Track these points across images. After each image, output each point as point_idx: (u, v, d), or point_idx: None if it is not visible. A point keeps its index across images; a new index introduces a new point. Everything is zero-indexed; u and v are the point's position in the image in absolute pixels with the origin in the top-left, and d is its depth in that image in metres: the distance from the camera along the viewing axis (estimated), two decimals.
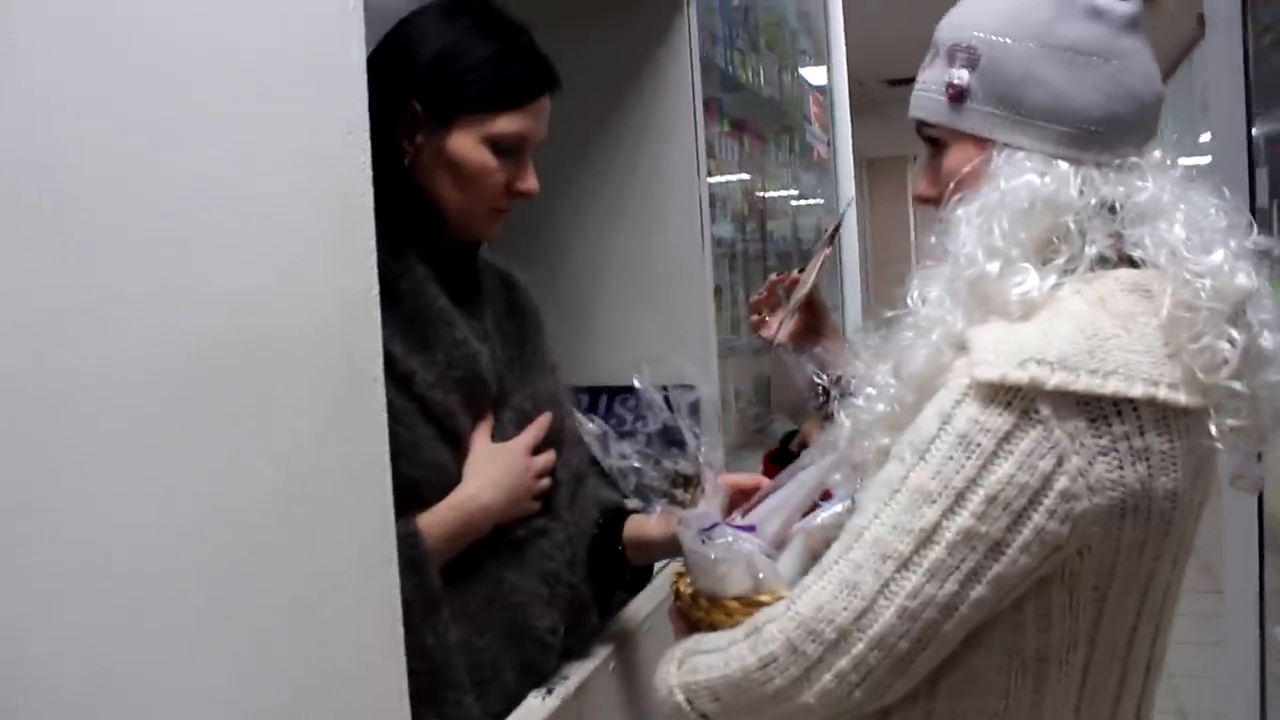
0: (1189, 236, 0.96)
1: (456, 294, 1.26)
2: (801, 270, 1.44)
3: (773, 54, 2.96)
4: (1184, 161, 1.05)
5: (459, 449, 1.23)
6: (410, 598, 0.99)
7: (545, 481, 1.30)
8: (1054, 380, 0.88)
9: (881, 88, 8.16)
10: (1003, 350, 0.91)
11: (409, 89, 1.19)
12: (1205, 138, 3.38)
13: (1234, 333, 0.93)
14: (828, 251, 1.42)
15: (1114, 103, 1.01)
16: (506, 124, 1.23)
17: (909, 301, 1.01)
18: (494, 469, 1.23)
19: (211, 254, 0.78)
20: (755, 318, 1.48)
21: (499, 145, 1.23)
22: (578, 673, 1.31)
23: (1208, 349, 0.92)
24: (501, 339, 1.33)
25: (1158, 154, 1.03)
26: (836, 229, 1.52)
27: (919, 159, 1.15)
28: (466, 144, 1.22)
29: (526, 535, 1.29)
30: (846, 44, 3.90)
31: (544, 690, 1.26)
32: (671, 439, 1.20)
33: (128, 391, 0.70)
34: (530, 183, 1.28)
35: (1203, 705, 3.33)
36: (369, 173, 0.97)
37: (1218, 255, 0.95)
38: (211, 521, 0.76)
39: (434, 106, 1.21)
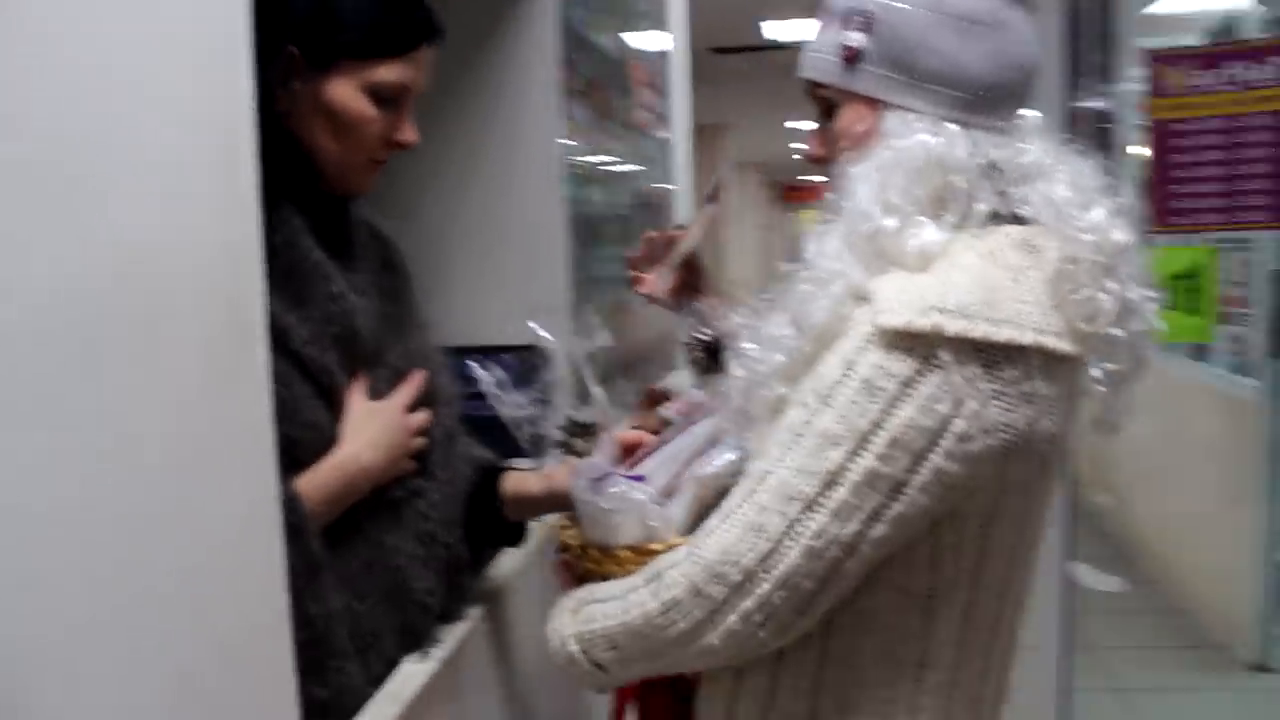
0: (1071, 195, 1.03)
1: (332, 247, 1.21)
2: (680, 228, 1.45)
3: (617, 17, 2.95)
4: None
5: (335, 408, 1.19)
6: (292, 564, 0.95)
7: (421, 440, 1.27)
8: (954, 327, 0.93)
9: (707, 55, 8.28)
10: (905, 299, 0.95)
11: (286, 33, 1.13)
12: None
13: (1112, 284, 1.00)
14: (713, 209, 1.43)
15: (1000, 70, 1.06)
16: (388, 72, 1.19)
17: (805, 256, 1.03)
18: (372, 428, 1.20)
19: (95, 198, 0.73)
20: (633, 274, 1.49)
21: (379, 94, 1.19)
22: (453, 635, 1.29)
23: (1088, 300, 0.99)
24: (377, 294, 1.29)
25: (1034, 118, 1.09)
26: (718, 189, 1.53)
27: (814, 124, 1.16)
28: (346, 92, 1.17)
29: (404, 496, 1.26)
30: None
31: (421, 654, 1.24)
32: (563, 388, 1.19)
33: (15, 345, 0.64)
34: (410, 134, 1.24)
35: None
36: (252, 119, 0.92)
37: (1098, 212, 1.02)
38: (100, 487, 0.71)
39: (313, 52, 1.15)
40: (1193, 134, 2.86)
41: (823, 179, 1.15)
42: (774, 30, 8.14)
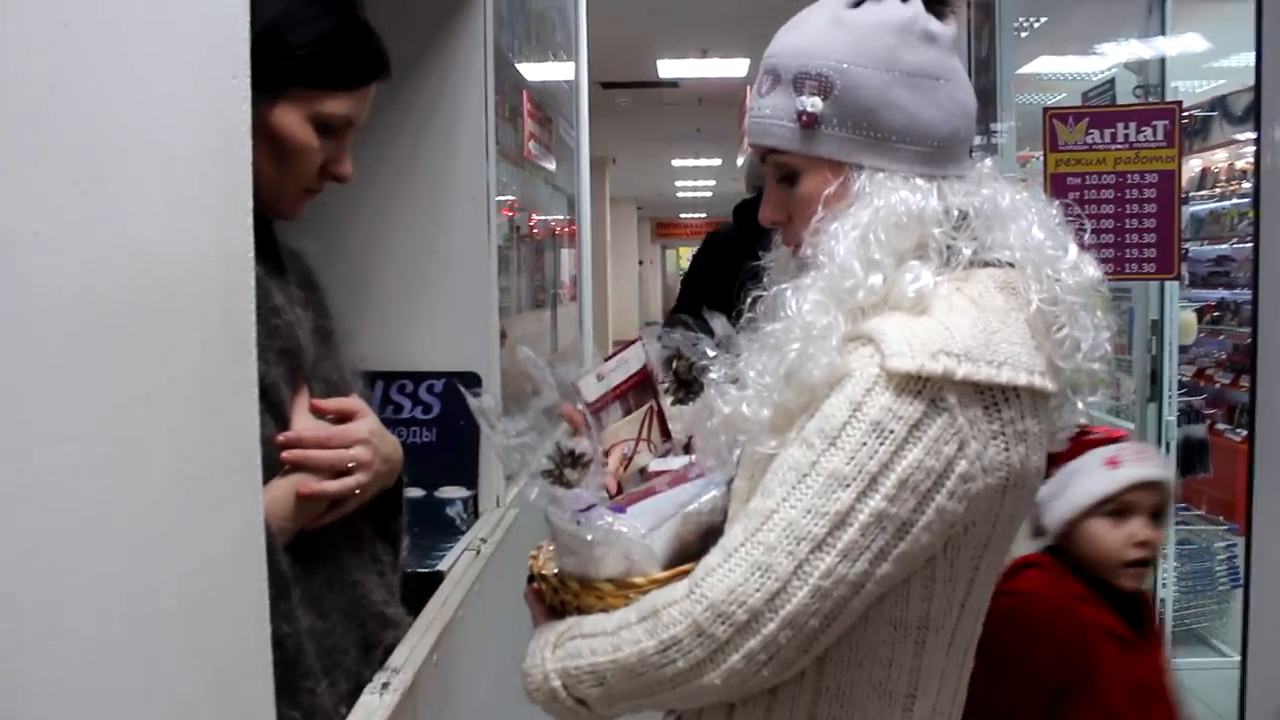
0: (1046, 237, 1.05)
1: (264, 263, 1.17)
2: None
3: (540, 45, 2.94)
4: None
5: (281, 423, 1.15)
6: None
7: (364, 450, 1.23)
8: (962, 371, 0.94)
9: (595, 89, 8.35)
10: (915, 343, 0.96)
11: None
12: None
13: (1087, 320, 1.03)
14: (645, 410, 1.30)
15: (953, 119, 1.09)
16: (336, 105, 1.17)
17: (787, 311, 1.04)
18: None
19: (107, 198, 0.68)
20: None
21: (323, 125, 1.17)
22: (408, 668, 1.25)
23: (1068, 338, 1.02)
24: (307, 308, 1.26)
25: (989, 163, 1.12)
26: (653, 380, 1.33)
27: (769, 187, 1.16)
28: (292, 119, 1.15)
29: (354, 513, 1.22)
30: None
31: (379, 686, 1.19)
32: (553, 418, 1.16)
33: (28, 351, 0.60)
34: (347, 167, 1.23)
35: None
36: (249, 120, 0.89)
37: (1072, 251, 1.05)
38: (104, 501, 0.67)
39: (262, 76, 1.11)
40: (1087, 187, 3.02)
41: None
42: (670, 69, 8.27)
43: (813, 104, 1.07)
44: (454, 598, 1.49)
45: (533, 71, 2.88)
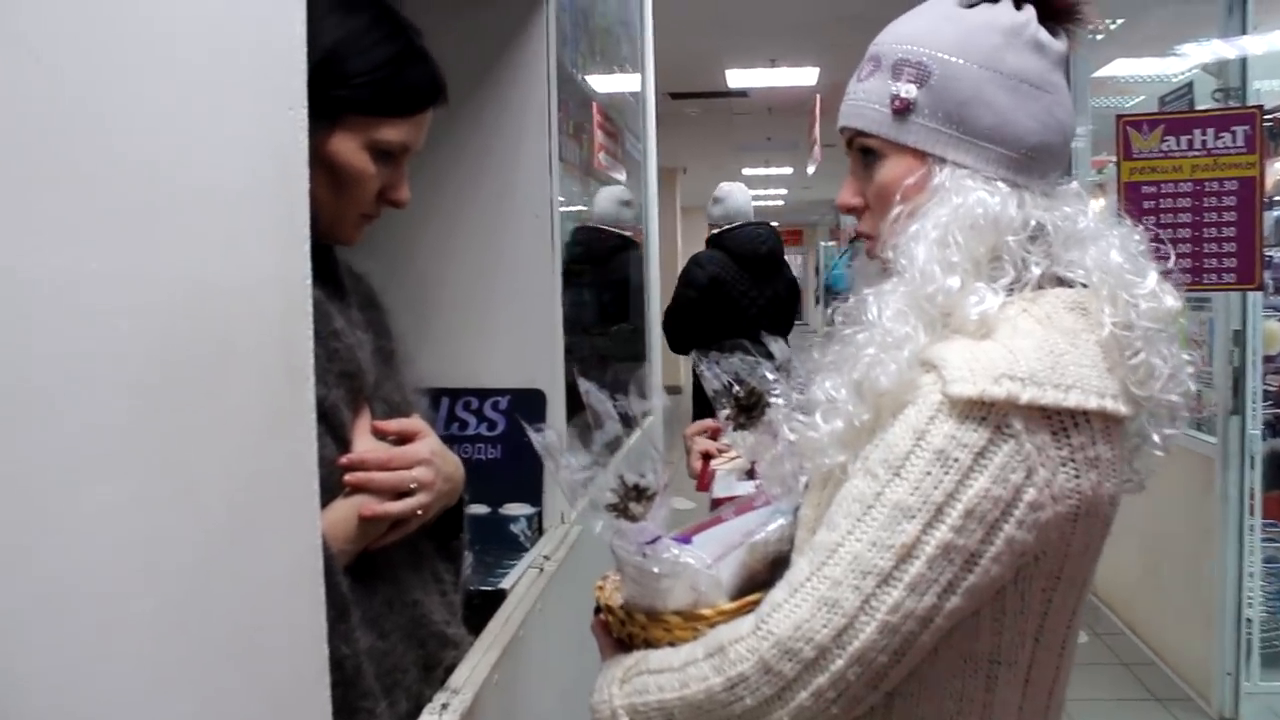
0: (1124, 261, 1.02)
1: (324, 287, 1.19)
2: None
3: (603, 59, 2.96)
4: None
5: (343, 445, 1.17)
6: None
7: (425, 471, 1.24)
8: (1027, 395, 0.92)
9: (664, 100, 8.36)
10: (977, 368, 0.93)
11: None
12: None
13: (1164, 349, 1.00)
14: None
15: (1047, 132, 1.06)
16: (393, 132, 1.18)
17: (869, 316, 1.02)
18: None
19: (163, 234, 0.70)
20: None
21: (381, 152, 1.18)
22: (468, 688, 1.26)
23: (1143, 364, 0.99)
24: (368, 330, 1.27)
25: (1075, 184, 1.09)
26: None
27: (848, 170, 1.16)
28: (349, 147, 1.16)
29: (415, 533, 1.23)
30: None
31: (438, 707, 1.20)
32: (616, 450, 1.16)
33: (89, 391, 0.61)
34: (404, 193, 1.24)
35: None
36: (306, 151, 0.90)
37: (1151, 279, 1.02)
38: (161, 538, 0.68)
39: (319, 104, 1.12)
40: (1163, 196, 2.94)
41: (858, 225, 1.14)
42: (739, 78, 8.25)
43: (907, 90, 1.06)
44: (516, 616, 1.49)
45: (600, 84, 2.90)
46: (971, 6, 1.08)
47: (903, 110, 1.06)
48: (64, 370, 0.59)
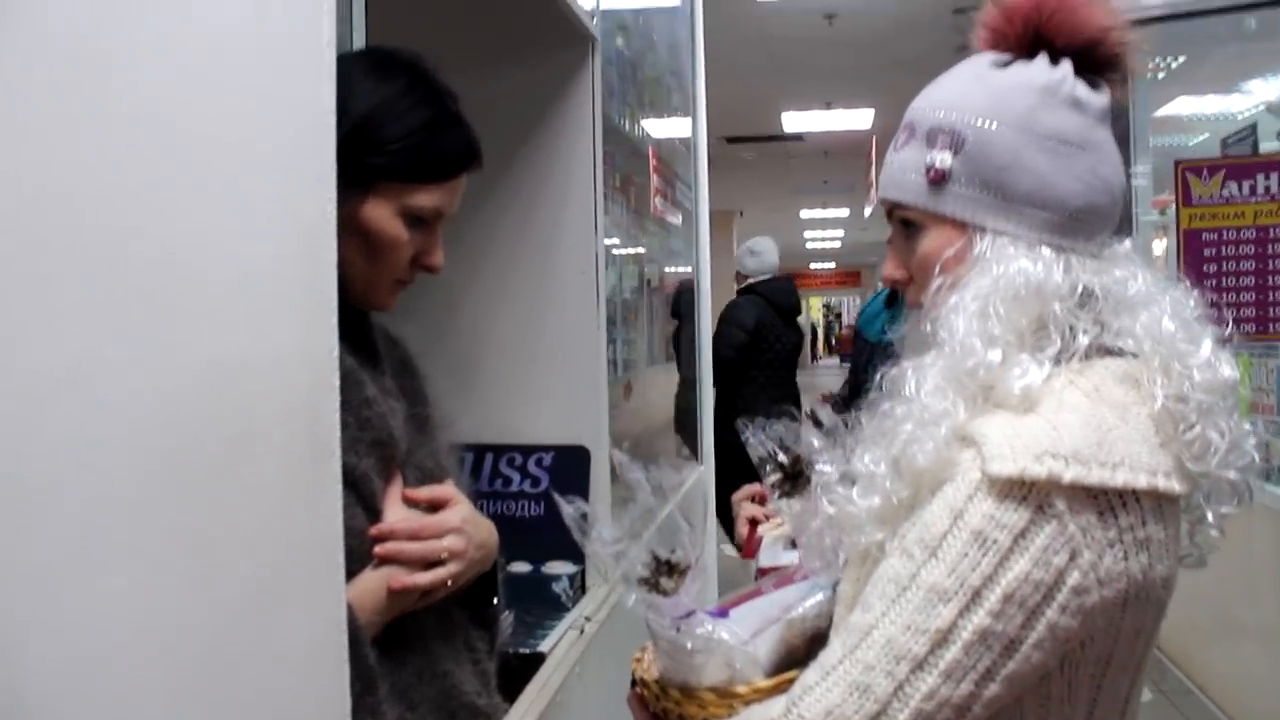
0: (1176, 329, 0.98)
1: (358, 354, 1.19)
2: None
3: (653, 109, 2.96)
4: None
5: (374, 514, 1.16)
6: (349, 679, 0.91)
7: (457, 539, 1.22)
8: (1070, 475, 0.87)
9: (719, 144, 8.39)
10: (1017, 445, 0.89)
11: None
12: None
13: (1223, 423, 0.95)
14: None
15: (1093, 192, 1.02)
16: (426, 198, 1.18)
17: (906, 391, 0.99)
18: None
19: (182, 316, 0.70)
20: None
21: (414, 218, 1.18)
22: None
23: (1198, 439, 0.94)
24: (402, 396, 1.27)
25: (1127, 244, 1.05)
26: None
27: (889, 241, 1.13)
28: (382, 213, 1.16)
29: (446, 600, 1.21)
30: None
31: None
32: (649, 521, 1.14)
33: (97, 478, 0.61)
34: (438, 258, 1.23)
35: None
36: (334, 222, 0.90)
37: (1206, 347, 0.97)
38: (180, 626, 0.67)
39: (352, 171, 1.10)
40: (1224, 243, 2.87)
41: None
42: (794, 122, 8.27)
43: (942, 159, 1.02)
44: (554, 680, 1.47)
45: (654, 130, 2.91)
46: (1006, 66, 1.05)
47: (939, 180, 1.03)
48: (71, 458, 0.59)
